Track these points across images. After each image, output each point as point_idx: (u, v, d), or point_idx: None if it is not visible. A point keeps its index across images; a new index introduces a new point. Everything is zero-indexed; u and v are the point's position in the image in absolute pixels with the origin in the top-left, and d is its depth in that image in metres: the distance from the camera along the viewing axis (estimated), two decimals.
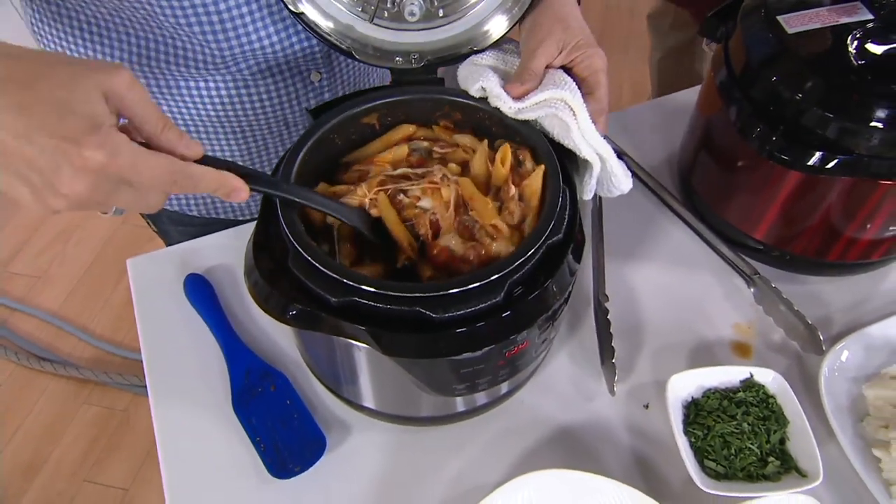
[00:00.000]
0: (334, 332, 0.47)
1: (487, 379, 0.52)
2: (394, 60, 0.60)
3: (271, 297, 0.48)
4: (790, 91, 0.61)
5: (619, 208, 0.77)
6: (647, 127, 0.88)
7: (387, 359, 0.47)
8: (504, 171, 0.54)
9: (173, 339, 0.67)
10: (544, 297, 0.49)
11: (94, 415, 1.63)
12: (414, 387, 0.52)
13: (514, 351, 0.50)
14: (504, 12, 0.59)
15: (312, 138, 0.54)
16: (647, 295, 0.71)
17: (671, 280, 0.73)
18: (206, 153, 0.45)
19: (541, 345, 0.55)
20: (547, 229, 0.49)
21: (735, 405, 0.61)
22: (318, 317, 0.47)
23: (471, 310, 0.46)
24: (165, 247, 0.93)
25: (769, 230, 0.70)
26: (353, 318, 0.46)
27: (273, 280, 0.48)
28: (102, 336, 1.78)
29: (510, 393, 0.62)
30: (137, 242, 1.96)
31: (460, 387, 0.52)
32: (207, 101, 0.72)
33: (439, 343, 0.47)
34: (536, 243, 0.48)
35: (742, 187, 0.70)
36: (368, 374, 0.55)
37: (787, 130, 0.61)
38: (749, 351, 0.68)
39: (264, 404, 0.62)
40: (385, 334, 0.46)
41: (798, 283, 0.73)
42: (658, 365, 0.66)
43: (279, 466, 0.58)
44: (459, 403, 0.59)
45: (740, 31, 0.66)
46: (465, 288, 0.46)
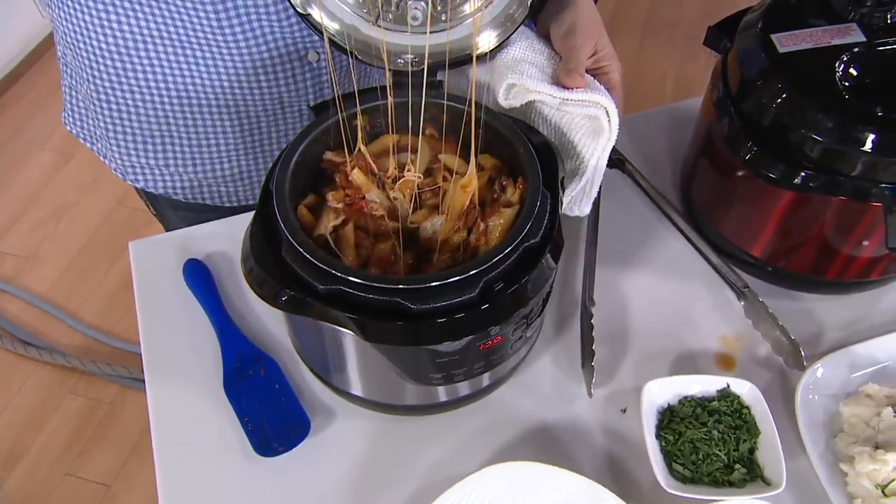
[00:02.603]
0: (321, 318, 0.58)
1: (463, 371, 0.63)
2: (394, 62, 0.70)
3: (265, 282, 0.59)
4: (776, 111, 0.71)
5: (616, 214, 0.89)
6: (657, 133, 0.99)
7: (369, 346, 0.58)
8: (464, 197, 0.64)
9: (170, 321, 0.80)
10: (519, 295, 0.59)
11: (80, 405, 1.75)
12: (394, 375, 0.63)
13: (488, 345, 0.61)
14: (497, 26, 0.69)
15: (305, 141, 0.65)
16: (637, 302, 0.82)
17: (662, 289, 0.83)
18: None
19: (517, 341, 0.65)
20: (522, 232, 0.59)
21: (708, 413, 0.71)
22: (306, 303, 0.57)
23: (447, 303, 0.56)
24: (165, 231, 1.06)
25: (764, 245, 0.80)
26: (338, 305, 0.57)
27: (267, 267, 0.59)
28: (92, 323, 1.89)
29: (491, 387, 0.72)
30: (134, 225, 2.08)
31: (437, 376, 0.63)
32: (196, 75, 0.82)
33: (416, 332, 0.57)
34: (511, 244, 0.59)
35: (737, 201, 0.80)
36: (354, 360, 0.66)
37: (775, 148, 0.71)
38: (733, 363, 0.78)
39: (254, 387, 0.74)
40: (367, 322, 0.57)
41: (792, 300, 0.83)
42: (640, 371, 0.76)
43: (264, 445, 0.70)
44: (441, 394, 0.70)
45: (736, 46, 0.77)
46: (442, 282, 0.56)
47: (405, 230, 0.65)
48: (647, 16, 2.74)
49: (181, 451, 0.72)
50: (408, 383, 0.65)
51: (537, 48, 0.74)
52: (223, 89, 0.83)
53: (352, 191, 0.65)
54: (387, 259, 0.63)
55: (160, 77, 0.83)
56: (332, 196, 0.65)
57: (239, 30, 0.78)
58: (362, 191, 0.65)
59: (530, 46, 0.73)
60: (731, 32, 0.80)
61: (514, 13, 0.68)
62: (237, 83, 0.83)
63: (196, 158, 0.91)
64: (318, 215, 0.66)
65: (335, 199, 0.64)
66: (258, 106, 0.86)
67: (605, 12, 2.72)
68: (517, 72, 0.69)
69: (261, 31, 0.78)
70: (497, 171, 0.68)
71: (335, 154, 0.68)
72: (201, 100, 0.85)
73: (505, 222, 0.63)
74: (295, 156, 0.64)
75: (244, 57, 0.81)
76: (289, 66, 0.83)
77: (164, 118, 0.87)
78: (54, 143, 2.30)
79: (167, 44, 0.79)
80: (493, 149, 0.69)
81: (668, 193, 0.91)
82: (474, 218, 0.64)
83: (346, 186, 0.65)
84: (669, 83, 2.50)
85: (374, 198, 0.65)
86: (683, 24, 2.71)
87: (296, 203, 0.64)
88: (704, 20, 0.86)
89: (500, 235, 0.62)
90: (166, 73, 0.82)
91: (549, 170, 0.66)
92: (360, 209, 0.64)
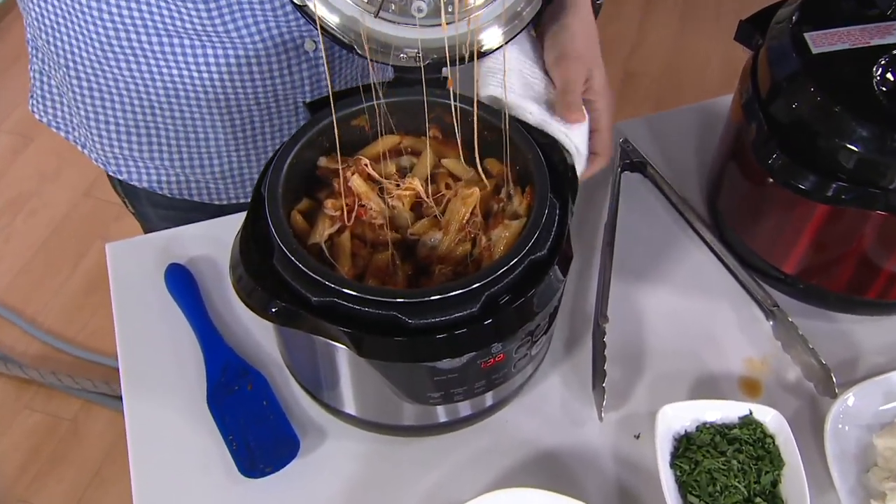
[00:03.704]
0: (314, 332, 0.63)
1: (463, 390, 0.68)
2: (397, 57, 0.75)
3: (254, 292, 0.64)
4: (807, 117, 0.76)
5: (636, 221, 0.94)
6: (684, 133, 1.04)
7: (364, 362, 0.63)
8: (464, 210, 0.69)
9: (150, 330, 0.85)
10: (523, 310, 0.65)
11: (37, 423, 1.78)
12: (389, 394, 0.68)
13: (490, 362, 0.66)
14: (503, 24, 0.75)
15: (299, 143, 0.70)
16: (655, 318, 0.87)
17: (683, 305, 0.88)
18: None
19: (521, 359, 0.70)
20: (528, 244, 0.64)
21: (728, 441, 0.76)
22: (298, 315, 0.62)
23: (446, 318, 0.62)
24: (143, 231, 1.13)
25: (796, 261, 0.85)
26: (332, 318, 0.62)
27: (258, 276, 0.64)
28: (52, 329, 1.92)
29: (494, 408, 0.78)
30: (103, 219, 2.11)
31: (435, 395, 0.68)
32: (183, 65, 0.87)
33: (414, 348, 0.62)
34: (516, 257, 0.64)
35: (767, 213, 0.85)
36: (347, 377, 0.71)
37: (806, 158, 0.76)
38: (758, 389, 0.83)
39: (240, 403, 0.79)
40: (362, 336, 0.62)
41: (827, 321, 0.88)
42: (656, 394, 0.82)
43: (250, 465, 0.75)
44: (440, 414, 0.75)
45: (766, 44, 0.82)
46: (442, 296, 0.61)
47: (404, 241, 0.71)
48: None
49: (160, 471, 0.77)
50: (404, 402, 0.70)
51: (528, 58, 0.79)
52: (212, 81, 0.89)
53: (350, 198, 0.70)
54: (384, 270, 0.68)
55: (144, 67, 0.88)
56: (331, 204, 0.70)
57: (229, 17, 0.83)
58: (362, 199, 0.70)
59: (521, 54, 0.78)
60: (764, 27, 0.85)
61: (522, 11, 0.74)
62: (227, 74, 0.88)
63: (183, 152, 0.97)
64: (313, 221, 0.71)
65: (334, 208, 0.69)
66: (250, 99, 0.92)
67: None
68: (498, 84, 0.74)
69: (252, 18, 0.84)
70: (504, 177, 0.73)
71: (330, 160, 0.73)
72: (188, 91, 0.90)
73: (511, 235, 0.68)
74: (288, 159, 0.69)
75: (236, 46, 0.86)
76: (284, 56, 0.88)
77: (150, 109, 0.93)
78: (11, 124, 2.34)
79: (152, 32, 0.85)
80: (500, 151, 0.74)
81: (693, 201, 0.96)
82: (477, 229, 0.69)
83: (345, 194, 0.70)
84: (713, 69, 2.51)
85: (375, 206, 0.70)
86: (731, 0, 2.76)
87: (289, 208, 0.69)
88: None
89: (506, 249, 0.67)
90: (150, 63, 0.88)
91: (558, 175, 0.71)
92: (358, 217, 0.70)
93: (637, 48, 2.63)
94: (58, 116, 1.03)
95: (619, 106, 0.80)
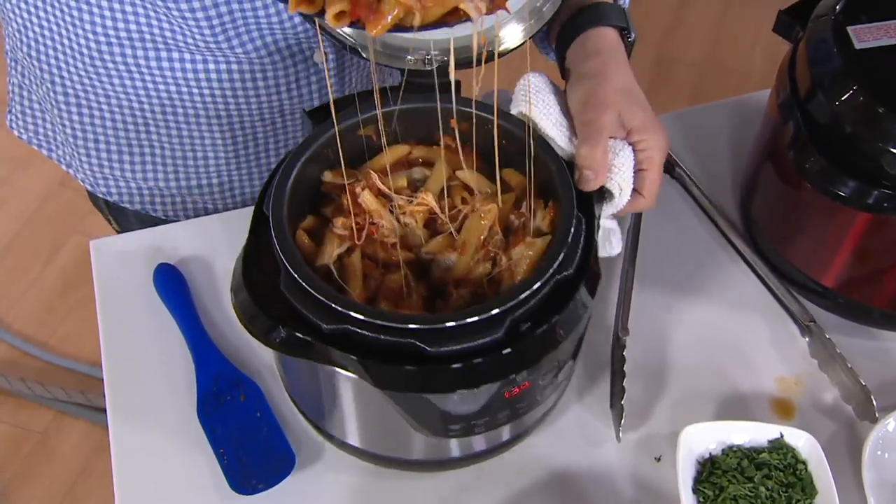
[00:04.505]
0: (324, 361, 0.65)
1: (485, 420, 0.70)
2: (405, 60, 0.77)
3: (257, 318, 0.65)
4: (848, 118, 0.77)
5: (661, 227, 0.96)
6: (717, 131, 1.06)
7: (377, 393, 0.65)
8: (482, 228, 0.71)
9: (137, 335, 0.88)
10: (550, 335, 0.66)
11: (2, 435, 1.79)
12: (401, 425, 0.69)
13: (514, 391, 0.68)
14: (520, 21, 0.76)
15: (302, 158, 0.71)
16: (680, 332, 0.89)
17: (711, 318, 0.91)
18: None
19: (547, 387, 0.72)
20: (554, 264, 0.66)
21: (756, 466, 0.78)
22: (307, 343, 0.64)
23: (468, 345, 0.63)
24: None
25: (836, 273, 0.87)
26: (344, 346, 0.63)
27: (262, 300, 0.65)
28: (22, 333, 1.93)
29: (512, 441, 0.79)
30: (79, 212, 2.09)
31: (455, 427, 0.69)
32: (182, 80, 0.89)
33: (434, 378, 0.64)
34: (542, 278, 0.65)
35: (805, 221, 0.87)
36: (355, 408, 0.73)
37: (846, 162, 0.78)
38: (792, 410, 0.85)
39: (232, 414, 0.82)
40: (377, 365, 0.63)
41: (868, 338, 0.90)
42: (679, 414, 0.84)
43: (241, 481, 0.78)
44: (453, 449, 0.76)
45: (806, 37, 0.83)
46: (463, 322, 0.63)
47: (418, 260, 0.72)
48: None
49: (145, 486, 0.79)
50: (420, 435, 0.72)
51: (558, 107, 0.79)
52: (213, 97, 0.91)
53: (360, 215, 0.71)
54: (398, 292, 0.69)
55: (139, 83, 0.90)
56: (341, 223, 0.71)
57: (233, 32, 0.84)
58: (372, 216, 0.71)
59: (552, 101, 0.79)
60: (805, 19, 0.86)
61: (543, 7, 0.76)
62: (230, 90, 0.90)
63: (180, 171, 0.99)
64: (319, 240, 0.72)
65: (343, 227, 0.71)
66: (254, 115, 0.94)
67: None
68: (535, 102, 0.76)
69: (258, 32, 0.85)
70: (524, 190, 0.75)
71: (336, 174, 0.75)
72: (187, 108, 0.92)
73: (535, 254, 0.69)
74: (292, 175, 0.71)
75: (240, 61, 0.88)
76: (292, 69, 0.90)
77: (144, 127, 0.95)
78: None
79: (149, 46, 0.86)
80: (520, 163, 0.76)
81: (725, 205, 0.98)
82: (497, 247, 0.71)
83: (354, 212, 0.71)
84: (758, 58, 2.48)
85: (386, 224, 0.72)
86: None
87: (294, 227, 0.71)
88: None
89: (529, 269, 0.69)
90: (146, 79, 0.89)
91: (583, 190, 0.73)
92: (368, 235, 0.71)
93: (672, 31, 2.59)
94: (39, 134, 1.05)
95: (648, 96, 0.80)
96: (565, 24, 0.83)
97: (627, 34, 0.83)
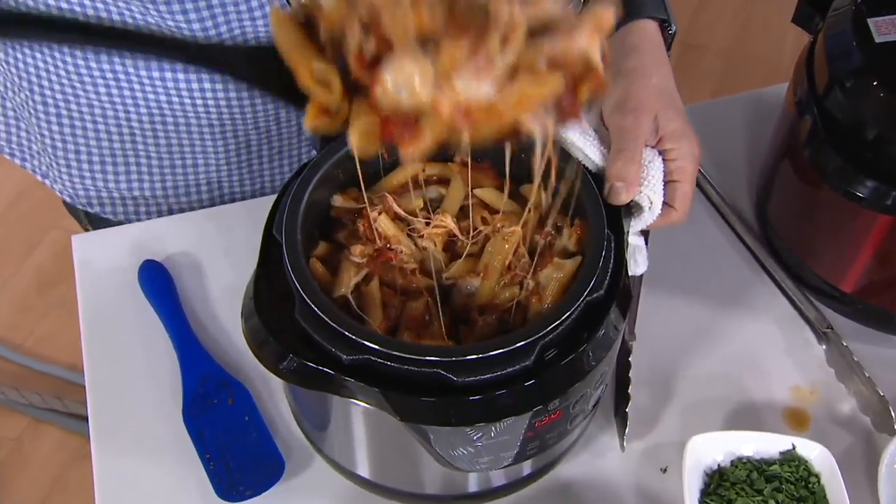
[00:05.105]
0: (345, 394, 0.64)
1: (514, 453, 0.69)
2: None
3: (269, 346, 0.64)
4: (867, 115, 0.78)
5: (673, 227, 0.96)
6: (734, 126, 1.06)
7: (397, 425, 0.63)
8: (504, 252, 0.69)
9: (121, 334, 0.88)
10: (580, 360, 0.66)
11: None
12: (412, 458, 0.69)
13: (544, 421, 0.67)
14: None
15: (313, 181, 0.70)
16: (690, 338, 0.90)
17: (723, 323, 0.91)
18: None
19: (577, 416, 0.71)
20: (587, 287, 0.65)
21: (766, 479, 0.78)
22: (324, 375, 0.63)
23: (497, 374, 0.63)
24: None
25: (855, 278, 0.88)
26: (365, 378, 0.62)
27: (275, 329, 0.64)
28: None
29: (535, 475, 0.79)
30: (57, 207, 2.10)
31: (483, 461, 0.68)
32: (173, 91, 0.88)
33: (462, 409, 0.63)
34: (575, 303, 0.64)
35: (823, 223, 0.87)
36: (365, 439, 0.72)
37: (864, 162, 0.79)
38: (806, 421, 0.86)
39: (219, 417, 0.82)
40: (399, 397, 0.62)
41: (889, 346, 0.90)
42: (687, 424, 0.84)
43: (228, 487, 0.78)
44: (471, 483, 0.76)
45: (825, 30, 0.83)
46: (495, 352, 0.62)
47: (439, 285, 0.71)
48: None
49: (128, 493, 0.80)
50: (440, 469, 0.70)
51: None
52: (206, 107, 0.90)
53: (377, 242, 0.70)
54: (420, 321, 0.68)
55: (127, 92, 0.89)
56: (360, 252, 0.70)
57: (229, 40, 0.83)
58: (390, 242, 0.70)
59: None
60: (826, 9, 0.86)
61: None
62: (224, 101, 0.90)
63: (167, 179, 0.98)
64: (332, 267, 0.71)
65: (363, 255, 0.70)
66: (248, 123, 0.93)
67: None
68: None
69: (255, 37, 0.84)
70: (547, 206, 0.73)
71: (346, 198, 0.74)
72: (178, 117, 0.92)
73: (564, 276, 0.68)
74: (304, 198, 0.70)
75: None
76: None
77: (130, 137, 0.94)
78: None
79: (139, 56, 0.85)
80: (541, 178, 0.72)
81: (740, 205, 0.99)
82: (525, 271, 0.70)
83: (370, 238, 0.70)
84: (788, 47, 2.49)
85: (406, 249, 0.71)
86: None
87: (306, 254, 0.70)
88: None
89: (558, 292, 0.68)
90: (134, 88, 0.88)
91: (611, 205, 0.72)
92: (386, 261, 0.70)
93: (698, 15, 2.57)
94: (12, 142, 1.03)
95: None
96: None
97: (668, 26, 0.81)
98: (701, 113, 1.07)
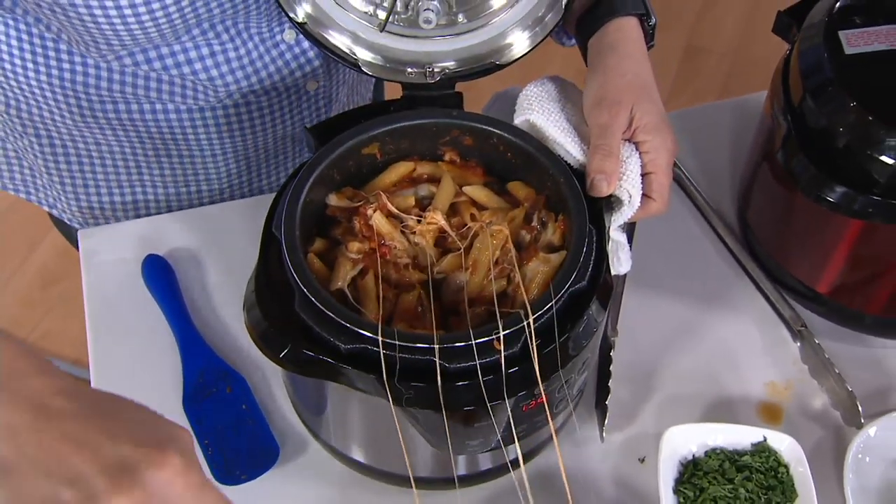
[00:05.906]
0: (341, 381, 0.68)
1: (502, 435, 0.74)
2: (405, 73, 0.80)
3: (272, 338, 0.69)
4: (837, 125, 0.81)
5: (656, 226, 0.96)
6: (719, 130, 1.10)
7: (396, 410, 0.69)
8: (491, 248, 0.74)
9: (124, 325, 0.92)
10: (566, 346, 0.70)
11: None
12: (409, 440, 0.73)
13: (531, 405, 0.72)
14: (526, 28, 0.80)
15: (309, 182, 0.75)
16: (671, 334, 0.94)
17: (702, 320, 0.95)
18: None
19: (560, 401, 0.75)
20: (570, 279, 0.70)
21: (737, 469, 0.82)
22: (324, 363, 0.67)
23: (486, 360, 0.67)
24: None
25: (830, 279, 0.92)
26: (362, 366, 0.67)
27: (276, 320, 0.69)
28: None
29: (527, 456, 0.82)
30: None
31: (474, 443, 0.73)
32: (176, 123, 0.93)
33: (456, 394, 0.68)
34: (559, 294, 0.69)
35: (798, 226, 0.91)
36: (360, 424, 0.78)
37: (835, 169, 0.82)
38: (779, 415, 0.90)
39: (218, 406, 0.87)
40: (396, 384, 0.67)
41: (861, 345, 0.94)
42: (665, 416, 0.88)
43: (225, 472, 0.82)
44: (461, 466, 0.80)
45: (799, 41, 0.86)
46: (485, 339, 0.67)
47: (431, 280, 0.75)
48: None
49: None
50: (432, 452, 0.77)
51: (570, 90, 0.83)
52: (209, 136, 0.96)
53: (373, 238, 0.75)
54: (412, 312, 0.73)
55: (132, 132, 0.94)
56: (356, 248, 0.75)
57: (229, 74, 0.89)
58: (385, 238, 0.75)
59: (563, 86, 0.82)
60: (802, 20, 0.89)
61: (545, 17, 0.80)
62: (227, 127, 0.95)
63: (172, 203, 1.04)
64: (329, 262, 0.76)
65: (358, 252, 0.74)
66: (248, 146, 0.98)
67: None
68: (541, 111, 0.80)
69: (251, 66, 0.90)
70: (534, 203, 0.78)
71: (341, 197, 0.78)
72: (181, 148, 0.97)
73: (549, 269, 0.73)
74: (301, 199, 0.74)
75: (233, 95, 0.92)
76: (286, 101, 0.94)
77: (136, 169, 0.99)
78: None
79: (143, 101, 0.90)
80: (526, 175, 0.80)
81: (723, 209, 1.03)
82: (510, 262, 0.74)
83: (367, 235, 0.75)
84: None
85: (399, 245, 0.75)
86: None
87: (304, 250, 0.74)
88: None
89: (543, 285, 0.72)
90: (139, 127, 0.93)
91: (592, 200, 0.77)
92: (381, 256, 0.74)
93: (703, 17, 2.55)
94: (15, 179, 1.07)
95: (678, 87, 0.86)
96: (585, 17, 0.85)
97: (647, 19, 0.84)
98: (689, 118, 1.13)
